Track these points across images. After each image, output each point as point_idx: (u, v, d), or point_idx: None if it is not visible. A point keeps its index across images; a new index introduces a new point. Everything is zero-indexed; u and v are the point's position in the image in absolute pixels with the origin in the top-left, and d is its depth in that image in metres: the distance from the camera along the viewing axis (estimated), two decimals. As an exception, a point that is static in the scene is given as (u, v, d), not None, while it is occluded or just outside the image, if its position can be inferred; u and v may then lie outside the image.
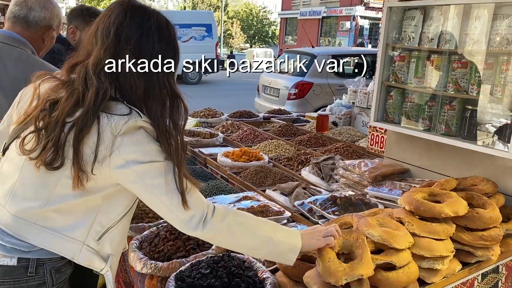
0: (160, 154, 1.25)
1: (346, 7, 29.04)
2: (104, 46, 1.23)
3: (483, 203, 1.72)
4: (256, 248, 1.34)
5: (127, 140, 1.20)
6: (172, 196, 1.23)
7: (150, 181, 1.22)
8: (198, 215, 1.25)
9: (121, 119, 1.19)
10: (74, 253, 1.28)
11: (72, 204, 1.26)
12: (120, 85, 1.25)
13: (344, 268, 1.35)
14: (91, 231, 1.29)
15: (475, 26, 1.88)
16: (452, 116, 2.01)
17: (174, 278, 1.47)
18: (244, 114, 4.24)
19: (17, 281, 1.23)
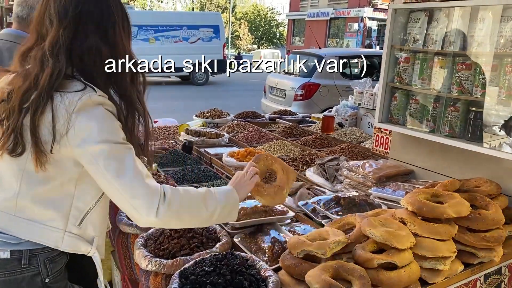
0: (118, 134, 1.24)
1: (354, 9, 28.97)
2: (63, 25, 1.22)
3: (486, 204, 1.72)
4: (205, 221, 1.39)
5: (82, 117, 1.18)
6: (125, 182, 1.20)
7: (103, 162, 1.19)
8: (151, 203, 1.21)
9: (75, 95, 1.18)
10: (57, 242, 1.29)
11: (42, 192, 1.26)
12: (83, 62, 1.24)
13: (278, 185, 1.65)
14: (70, 217, 1.29)
15: (480, 28, 1.88)
16: (456, 117, 2.01)
17: (178, 275, 1.50)
18: (250, 115, 4.26)
19: (12, 273, 1.25)
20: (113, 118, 1.24)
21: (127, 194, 1.20)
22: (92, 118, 1.18)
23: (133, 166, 1.21)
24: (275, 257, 1.65)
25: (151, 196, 1.21)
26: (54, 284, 1.32)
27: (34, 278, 1.28)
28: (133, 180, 1.20)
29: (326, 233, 1.59)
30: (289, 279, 1.51)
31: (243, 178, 1.52)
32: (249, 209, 1.88)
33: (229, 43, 35.35)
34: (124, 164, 1.20)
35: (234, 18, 41.23)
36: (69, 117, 1.16)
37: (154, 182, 1.25)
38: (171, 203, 1.24)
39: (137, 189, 1.20)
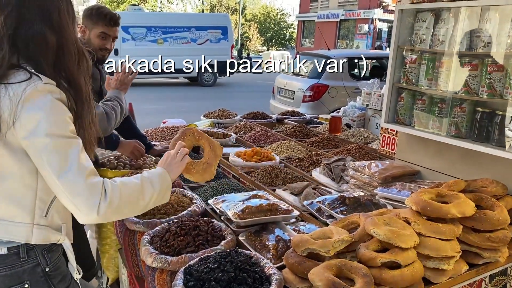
0: (66, 126, 1.20)
1: (364, 10, 28.85)
2: (4, 13, 1.19)
3: (491, 204, 1.72)
4: (142, 210, 1.37)
5: (28, 108, 1.15)
6: (67, 179, 1.17)
7: (47, 157, 1.16)
8: (93, 201, 1.19)
9: (20, 86, 1.15)
10: (27, 236, 1.27)
11: (6, 188, 1.24)
12: (28, 50, 1.21)
13: (207, 161, 1.66)
14: (36, 210, 1.28)
15: (486, 28, 1.88)
16: (462, 118, 2.01)
17: (183, 272, 1.51)
18: (257, 115, 4.28)
19: (12, 267, 1.27)
20: (61, 108, 1.20)
21: (68, 192, 1.18)
22: (39, 109, 1.15)
23: (77, 162, 1.18)
24: (280, 255, 1.67)
25: (92, 194, 1.19)
26: (55, 271, 1.35)
27: (35, 269, 1.30)
28: (75, 178, 1.17)
29: (330, 232, 1.60)
30: (293, 277, 1.52)
31: (174, 159, 1.52)
32: (253, 208, 1.89)
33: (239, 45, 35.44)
34: (67, 160, 1.17)
35: (244, 19, 41.30)
36: (15, 108, 1.14)
37: (96, 179, 1.22)
38: (112, 200, 1.22)
39: (78, 187, 1.18)
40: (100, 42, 2.58)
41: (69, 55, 1.26)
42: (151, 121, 6.80)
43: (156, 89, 15.63)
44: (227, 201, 2.04)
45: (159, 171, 1.45)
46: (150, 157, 2.85)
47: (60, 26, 1.24)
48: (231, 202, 2.01)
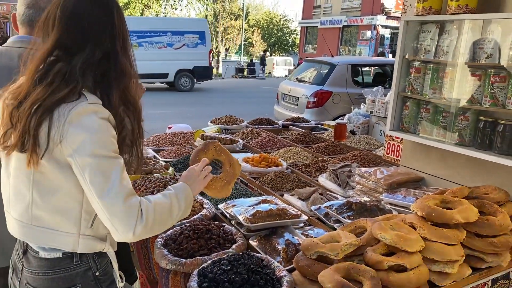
0: (109, 146, 1.24)
1: (367, 16, 29.00)
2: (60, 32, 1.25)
3: (494, 211, 1.78)
4: (169, 226, 1.40)
5: (73, 128, 1.19)
6: (107, 200, 1.21)
7: (89, 176, 1.20)
8: (129, 223, 1.23)
9: (68, 106, 1.20)
10: (74, 245, 1.33)
11: (55, 201, 1.29)
12: (81, 69, 1.25)
13: (225, 179, 1.68)
14: (82, 221, 1.32)
15: (489, 40, 1.95)
16: (466, 126, 2.07)
17: (197, 274, 1.57)
18: (263, 122, 4.35)
19: (66, 270, 1.34)
20: (106, 127, 1.24)
21: (107, 211, 1.22)
22: (83, 129, 1.20)
23: (117, 183, 1.22)
24: (289, 258, 1.73)
25: (130, 216, 1.23)
26: (104, 276, 1.41)
27: (86, 273, 1.37)
28: (114, 199, 1.21)
29: (338, 236, 1.66)
30: (303, 279, 1.58)
31: (198, 177, 1.54)
32: (264, 213, 1.95)
33: (242, 50, 35.56)
34: (109, 181, 1.21)
35: (247, 25, 41.52)
36: (62, 127, 1.19)
37: (134, 200, 1.26)
38: (147, 221, 1.26)
39: (117, 208, 1.22)
40: None
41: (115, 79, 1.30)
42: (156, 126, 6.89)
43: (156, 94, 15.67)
44: (237, 205, 2.10)
45: (184, 188, 1.46)
46: (159, 162, 2.92)
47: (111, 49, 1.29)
48: (242, 207, 2.07)
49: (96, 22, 1.28)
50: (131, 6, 29.54)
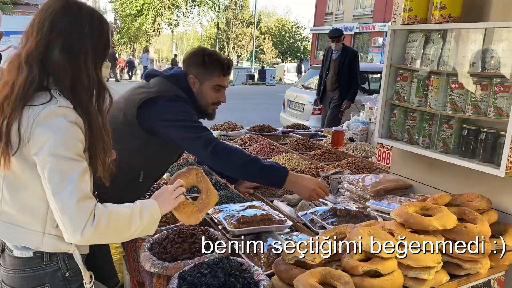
0: (72, 149, 1.28)
1: (379, 23, 28.97)
2: (38, 37, 1.31)
3: (473, 218, 1.79)
4: (125, 239, 1.42)
5: (40, 128, 1.26)
6: (61, 198, 1.25)
7: (47, 174, 1.25)
8: (79, 223, 1.25)
9: (38, 108, 1.27)
10: (37, 243, 1.37)
11: (23, 198, 1.34)
12: (53, 74, 1.32)
13: (197, 206, 1.68)
14: (47, 220, 1.36)
15: (471, 49, 1.97)
16: (450, 134, 2.09)
17: (177, 277, 1.62)
18: (263, 128, 4.39)
19: (36, 269, 1.40)
20: (73, 130, 1.29)
21: (59, 209, 1.26)
22: (49, 129, 1.26)
23: (74, 184, 1.26)
24: (270, 263, 1.76)
25: (80, 216, 1.25)
26: (74, 277, 1.45)
27: (55, 273, 1.41)
28: (67, 198, 1.25)
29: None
30: (281, 283, 1.61)
31: (169, 196, 1.55)
32: (248, 218, 1.99)
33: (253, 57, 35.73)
34: (65, 181, 1.25)
35: (258, 32, 41.73)
36: (31, 127, 1.26)
37: (88, 203, 1.29)
38: (98, 226, 1.28)
39: (69, 208, 1.25)
40: (214, 95, 2.23)
41: (82, 87, 1.35)
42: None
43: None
44: (224, 211, 2.15)
45: (152, 204, 1.48)
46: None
47: (78, 60, 1.34)
48: (228, 212, 2.12)
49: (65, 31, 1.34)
50: (144, 13, 29.91)
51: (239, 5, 39.86)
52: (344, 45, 6.33)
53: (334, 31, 6.51)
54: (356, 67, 6.32)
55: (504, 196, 1.96)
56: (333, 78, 6.35)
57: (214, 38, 40.64)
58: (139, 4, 29.72)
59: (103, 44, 1.41)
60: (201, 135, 2.04)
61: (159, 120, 2.06)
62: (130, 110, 2.08)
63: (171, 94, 2.10)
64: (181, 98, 2.11)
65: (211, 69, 2.17)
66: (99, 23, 1.40)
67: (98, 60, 1.41)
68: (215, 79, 2.19)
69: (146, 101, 2.06)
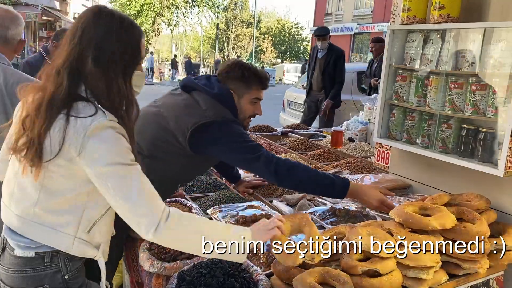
0: (127, 156, 1.33)
1: (379, 24, 28.96)
2: (70, 48, 1.33)
3: (472, 218, 1.79)
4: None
5: (93, 141, 1.28)
6: (130, 200, 1.31)
7: (112, 183, 1.30)
8: (152, 221, 1.30)
9: (86, 120, 1.29)
10: (67, 246, 1.40)
11: (59, 202, 1.38)
12: (88, 85, 1.34)
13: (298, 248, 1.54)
14: (80, 225, 1.40)
15: (470, 49, 1.97)
16: (449, 134, 2.09)
17: (176, 277, 1.62)
18: (263, 128, 4.39)
19: (36, 270, 1.40)
20: (122, 140, 1.34)
21: (132, 212, 1.32)
22: (103, 141, 1.30)
23: (139, 186, 1.32)
24: (269, 262, 1.76)
25: (153, 214, 1.31)
26: (73, 280, 1.45)
27: (55, 275, 1.42)
28: (138, 200, 1.31)
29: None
30: (280, 283, 1.61)
31: (264, 226, 1.53)
32: (247, 218, 1.99)
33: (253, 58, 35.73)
34: (131, 185, 1.31)
35: (258, 32, 41.76)
36: (82, 140, 1.28)
37: (159, 202, 1.36)
38: (171, 225, 1.33)
39: (141, 208, 1.31)
40: (251, 108, 2.23)
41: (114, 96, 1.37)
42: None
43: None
44: (223, 211, 2.15)
45: (243, 228, 1.48)
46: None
47: (107, 69, 1.35)
48: (228, 212, 2.12)
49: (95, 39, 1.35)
50: (143, 14, 29.92)
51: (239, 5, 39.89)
52: (330, 44, 6.26)
53: (320, 29, 6.47)
54: (341, 66, 6.20)
55: (503, 196, 1.96)
56: (319, 77, 6.27)
57: (214, 39, 40.66)
58: (139, 5, 29.72)
59: (132, 53, 1.41)
60: (259, 155, 2.03)
61: (215, 145, 2.07)
62: (181, 131, 2.07)
63: (224, 118, 2.09)
64: (234, 121, 2.12)
65: (250, 83, 2.17)
66: (129, 32, 1.40)
67: (128, 69, 1.41)
68: (253, 92, 2.19)
69: (200, 126, 2.05)
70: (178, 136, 2.08)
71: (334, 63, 6.10)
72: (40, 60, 3.40)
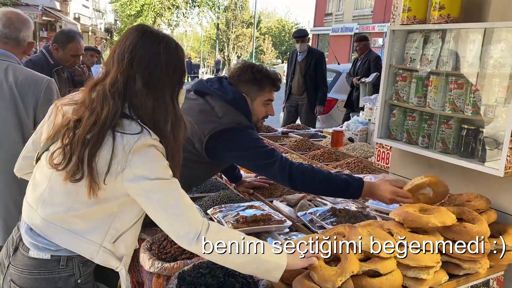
0: (166, 171, 1.39)
1: (379, 24, 28.96)
2: (119, 69, 1.37)
3: (472, 218, 1.79)
4: (243, 265, 1.42)
5: (137, 158, 1.33)
6: (172, 212, 1.37)
7: (154, 196, 1.36)
8: (193, 231, 1.36)
9: (133, 138, 1.33)
10: (92, 254, 1.44)
11: (91, 211, 1.41)
12: (133, 104, 1.39)
13: (336, 271, 1.50)
14: (107, 235, 1.45)
15: (470, 49, 1.97)
16: (449, 134, 2.10)
17: (177, 277, 1.62)
18: (263, 129, 4.39)
19: (51, 272, 1.41)
20: (162, 157, 1.40)
21: (174, 225, 1.37)
22: (146, 158, 1.35)
23: (179, 200, 1.39)
24: (270, 263, 1.76)
25: (194, 226, 1.37)
26: (85, 284, 1.48)
27: (69, 278, 1.44)
28: (180, 212, 1.37)
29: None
30: (280, 283, 1.61)
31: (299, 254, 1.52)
32: (248, 218, 1.99)
33: (253, 58, 35.76)
34: (173, 198, 1.37)
35: (258, 33, 41.77)
36: (126, 156, 1.32)
37: (198, 214, 1.42)
38: (212, 236, 1.37)
39: (182, 220, 1.37)
40: (264, 110, 2.25)
41: (161, 116, 1.42)
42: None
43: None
44: (224, 211, 2.15)
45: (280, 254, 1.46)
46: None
47: (156, 90, 1.40)
48: (228, 212, 2.12)
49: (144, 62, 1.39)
50: (144, 14, 29.93)
51: (239, 5, 39.90)
52: (309, 47, 6.20)
53: (298, 31, 6.42)
54: (323, 69, 6.10)
55: (503, 196, 1.96)
56: (300, 81, 6.14)
57: (214, 39, 40.67)
58: (139, 5, 29.74)
59: (180, 73, 1.46)
60: (274, 160, 2.05)
61: (230, 151, 2.11)
62: (197, 137, 2.09)
63: (240, 124, 2.10)
64: (249, 127, 2.13)
65: (263, 86, 2.18)
66: (175, 52, 1.44)
67: (175, 89, 1.46)
68: (266, 94, 2.21)
69: (216, 133, 2.07)
70: (194, 142, 2.10)
71: (315, 65, 6.00)
72: (42, 59, 3.49)
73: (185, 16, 33.82)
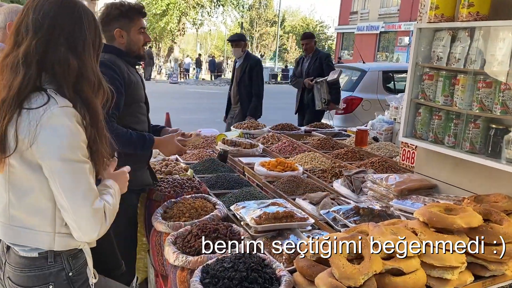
0: (77, 151, 1.31)
1: (405, 22, 28.47)
2: (37, 37, 1.30)
3: (500, 219, 1.76)
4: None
5: (45, 131, 1.26)
6: (75, 202, 1.31)
7: (58, 178, 1.30)
8: (95, 226, 1.34)
9: (39, 110, 1.27)
10: (50, 244, 1.40)
11: (30, 201, 1.36)
12: (53, 72, 1.32)
13: (359, 269, 1.49)
14: (56, 219, 1.38)
15: (500, 47, 1.93)
16: (476, 134, 2.06)
17: (201, 270, 1.65)
18: (285, 127, 4.40)
19: (41, 269, 1.42)
20: (76, 131, 1.31)
21: (73, 213, 1.32)
22: (54, 133, 1.27)
23: (85, 187, 1.32)
24: (292, 259, 1.77)
25: (96, 219, 1.34)
26: (77, 276, 1.48)
27: (59, 273, 1.44)
28: (82, 203, 1.31)
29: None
30: (302, 279, 1.62)
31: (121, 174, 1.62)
32: (270, 214, 2.01)
33: (276, 56, 35.73)
34: (77, 184, 1.31)
35: (282, 31, 41.66)
36: (34, 131, 1.25)
37: (99, 204, 1.36)
38: (108, 223, 1.39)
39: (83, 212, 1.32)
40: (141, 38, 2.34)
41: (88, 82, 1.38)
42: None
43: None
44: (246, 207, 2.17)
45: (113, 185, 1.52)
46: (179, 164, 3.03)
47: (83, 55, 1.38)
48: (250, 208, 2.14)
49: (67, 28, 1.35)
50: (169, 13, 30.22)
51: (263, 4, 39.89)
52: (247, 53, 5.49)
53: (233, 35, 5.92)
54: (257, 76, 5.36)
55: (532, 198, 1.92)
56: (235, 89, 5.48)
57: (238, 38, 40.59)
58: (165, 4, 30.02)
59: (98, 37, 1.45)
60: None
61: None
62: None
63: None
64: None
65: (131, 16, 2.27)
66: (92, 17, 1.42)
67: (96, 53, 1.45)
68: (137, 23, 2.29)
69: None
70: None
71: (250, 72, 5.31)
72: None
73: (209, 15, 33.98)
